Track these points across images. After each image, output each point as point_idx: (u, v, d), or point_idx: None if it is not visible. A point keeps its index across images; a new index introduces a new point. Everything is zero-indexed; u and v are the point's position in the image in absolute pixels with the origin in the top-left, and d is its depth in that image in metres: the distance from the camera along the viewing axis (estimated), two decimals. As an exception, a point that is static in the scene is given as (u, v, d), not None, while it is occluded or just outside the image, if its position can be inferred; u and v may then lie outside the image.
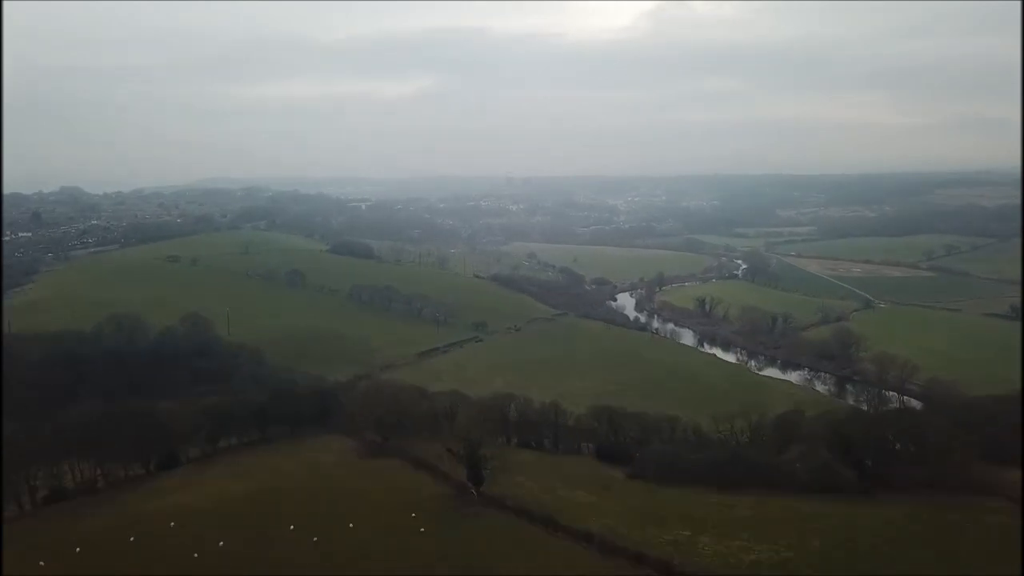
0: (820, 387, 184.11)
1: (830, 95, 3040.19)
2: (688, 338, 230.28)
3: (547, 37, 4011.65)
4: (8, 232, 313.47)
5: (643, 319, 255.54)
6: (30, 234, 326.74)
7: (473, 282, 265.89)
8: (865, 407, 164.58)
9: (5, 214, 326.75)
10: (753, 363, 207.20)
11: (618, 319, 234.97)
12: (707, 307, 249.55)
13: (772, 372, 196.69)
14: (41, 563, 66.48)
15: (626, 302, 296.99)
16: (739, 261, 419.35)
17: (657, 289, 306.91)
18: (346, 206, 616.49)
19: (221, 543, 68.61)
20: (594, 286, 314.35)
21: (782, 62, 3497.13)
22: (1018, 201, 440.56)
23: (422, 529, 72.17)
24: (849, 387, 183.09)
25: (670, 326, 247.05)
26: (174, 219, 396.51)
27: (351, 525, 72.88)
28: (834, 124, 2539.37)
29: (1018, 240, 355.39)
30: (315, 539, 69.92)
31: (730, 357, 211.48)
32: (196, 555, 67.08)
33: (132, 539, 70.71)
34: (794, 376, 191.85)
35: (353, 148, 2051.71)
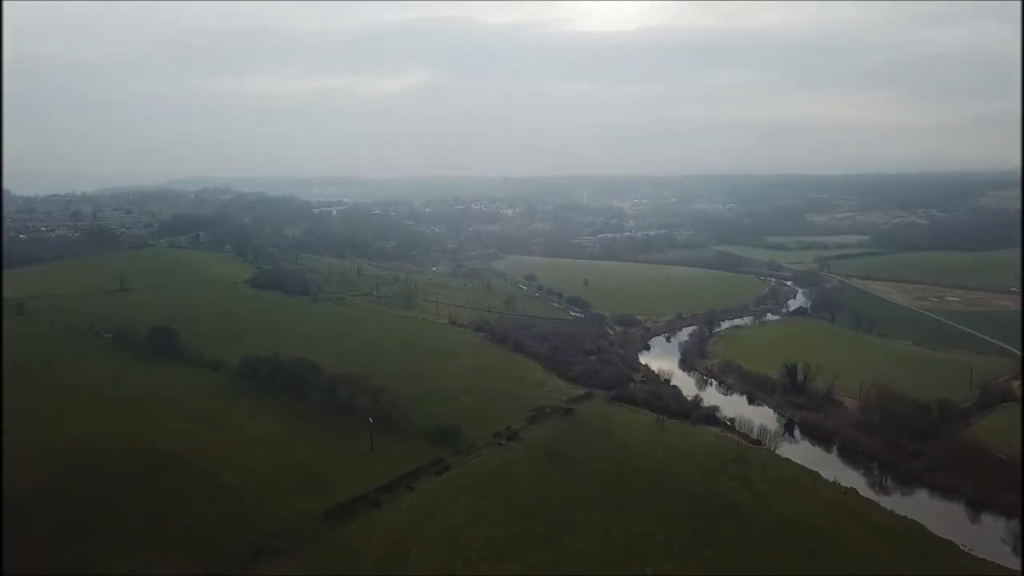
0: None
1: (838, 91, 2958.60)
2: (774, 425, 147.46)
3: (547, 28, 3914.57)
4: None
5: (702, 393, 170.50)
6: None
7: (447, 336, 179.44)
8: None
9: None
10: (891, 487, 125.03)
11: (669, 401, 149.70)
12: (800, 376, 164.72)
13: (950, 515, 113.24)
14: None
15: (663, 352, 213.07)
16: (789, 282, 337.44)
17: (707, 333, 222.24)
18: (311, 212, 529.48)
19: None
20: (619, 328, 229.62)
21: (790, 57, 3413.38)
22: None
23: None
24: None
25: (743, 403, 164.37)
26: (70, 232, 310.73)
27: None
28: (842, 122, 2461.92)
29: None
30: None
31: (855, 477, 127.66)
32: None
33: None
34: (1000, 532, 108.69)
35: (346, 146, 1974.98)
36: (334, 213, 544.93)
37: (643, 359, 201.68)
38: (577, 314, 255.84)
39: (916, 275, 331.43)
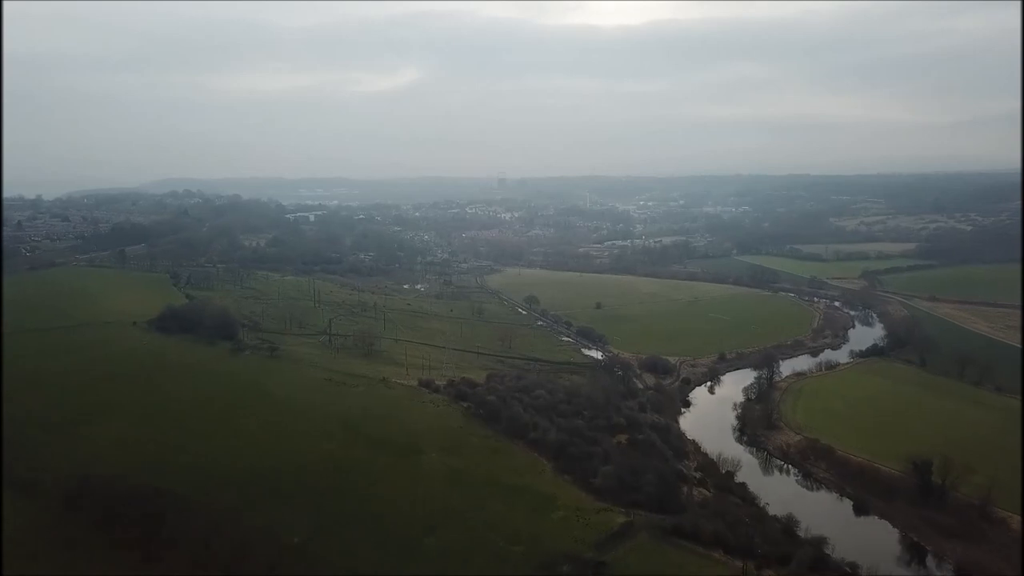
0: None
1: (850, 88, 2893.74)
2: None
3: (548, 22, 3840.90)
4: None
5: (777, 482, 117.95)
6: None
7: (414, 411, 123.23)
8: None
9: None
10: None
11: (749, 528, 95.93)
12: (938, 478, 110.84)
13: None
14: None
15: (711, 412, 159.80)
16: (838, 303, 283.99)
17: (765, 384, 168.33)
18: (284, 218, 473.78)
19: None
20: (648, 376, 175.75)
21: (798, 52, 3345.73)
22: None
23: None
24: None
25: (846, 512, 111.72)
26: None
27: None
28: (853, 120, 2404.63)
29: None
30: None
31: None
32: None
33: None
34: None
35: (338, 146, 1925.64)
36: (311, 219, 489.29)
37: (686, 425, 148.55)
38: (590, 351, 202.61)
39: (989, 294, 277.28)
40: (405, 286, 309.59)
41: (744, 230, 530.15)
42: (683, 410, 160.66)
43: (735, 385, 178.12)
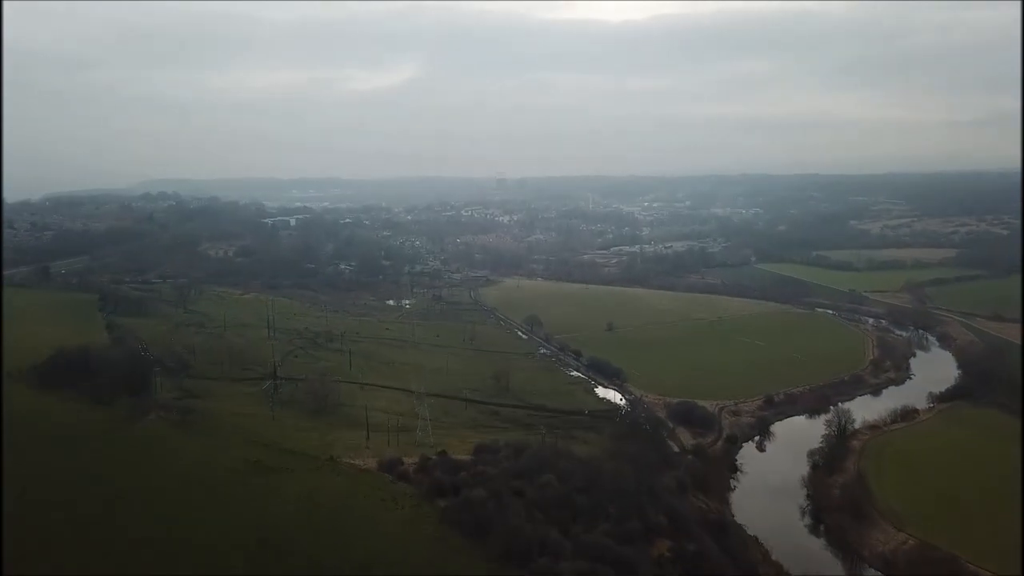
0: None
1: (856, 85, 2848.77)
2: None
3: (549, 16, 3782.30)
4: None
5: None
6: None
7: (366, 518, 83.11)
8: None
9: None
10: None
11: None
12: None
13: None
14: None
15: (767, 483, 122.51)
16: (884, 321, 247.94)
17: (835, 439, 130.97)
18: (262, 223, 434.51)
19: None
20: (681, 432, 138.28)
21: (804, 47, 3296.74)
22: None
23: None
24: None
25: None
26: None
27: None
28: (860, 118, 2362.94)
29: None
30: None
31: None
32: None
33: None
34: None
35: (333, 145, 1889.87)
36: (292, 223, 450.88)
37: (741, 512, 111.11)
38: (606, 390, 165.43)
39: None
40: (389, 302, 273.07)
41: (760, 234, 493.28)
42: (732, 482, 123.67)
43: (789, 437, 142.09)
